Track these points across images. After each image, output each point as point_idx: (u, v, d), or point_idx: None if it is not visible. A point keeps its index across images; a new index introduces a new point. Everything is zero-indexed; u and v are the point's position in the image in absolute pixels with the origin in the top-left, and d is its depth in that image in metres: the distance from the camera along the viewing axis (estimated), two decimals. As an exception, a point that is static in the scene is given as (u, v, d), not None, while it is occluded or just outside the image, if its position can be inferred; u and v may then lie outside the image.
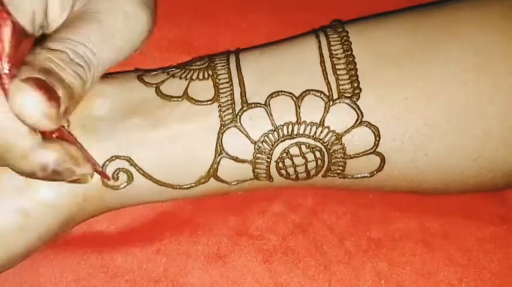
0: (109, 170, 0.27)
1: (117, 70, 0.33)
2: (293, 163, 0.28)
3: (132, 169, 0.27)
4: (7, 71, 0.22)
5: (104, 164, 0.27)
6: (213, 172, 0.28)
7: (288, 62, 0.28)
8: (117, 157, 0.27)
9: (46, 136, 0.24)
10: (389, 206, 0.33)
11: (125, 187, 0.28)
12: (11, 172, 0.25)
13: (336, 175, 0.29)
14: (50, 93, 0.22)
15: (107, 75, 0.29)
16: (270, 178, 0.29)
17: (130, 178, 0.27)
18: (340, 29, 0.29)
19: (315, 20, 0.36)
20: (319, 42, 0.29)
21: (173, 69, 0.30)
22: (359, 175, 0.29)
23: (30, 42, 0.23)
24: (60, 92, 0.23)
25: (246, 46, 0.35)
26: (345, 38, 0.28)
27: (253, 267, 0.31)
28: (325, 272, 0.32)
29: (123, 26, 0.26)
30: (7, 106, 0.22)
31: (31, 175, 0.24)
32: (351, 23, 0.30)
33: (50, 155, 0.24)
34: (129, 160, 0.27)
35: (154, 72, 0.30)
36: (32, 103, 0.22)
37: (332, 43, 0.28)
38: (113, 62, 0.27)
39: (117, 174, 0.27)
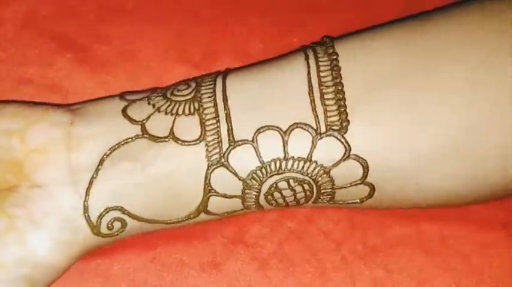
0: (103, 222, 0.27)
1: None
2: (282, 195, 0.28)
3: (125, 216, 0.27)
4: None
5: (98, 217, 0.27)
6: (202, 208, 0.28)
7: (276, 91, 0.28)
8: (110, 209, 0.27)
9: None
10: (386, 212, 0.32)
11: (119, 233, 0.28)
12: (4, 242, 0.26)
13: (326, 201, 0.29)
14: None
15: (92, 109, 0.29)
16: (260, 207, 0.29)
17: (123, 224, 0.28)
18: (331, 51, 0.28)
19: (313, 24, 0.36)
20: (309, 67, 0.28)
21: (159, 97, 0.29)
22: (349, 201, 0.29)
23: None
24: None
25: (242, 52, 0.35)
26: (334, 62, 0.27)
27: (248, 274, 0.31)
28: (321, 278, 0.31)
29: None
30: None
31: None
32: (341, 41, 0.29)
33: None
34: (121, 209, 0.27)
35: (139, 101, 0.29)
36: None
37: (321, 68, 0.27)
38: None
39: (112, 223, 0.27)
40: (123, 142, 0.27)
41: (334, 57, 0.28)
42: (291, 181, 0.27)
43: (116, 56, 0.34)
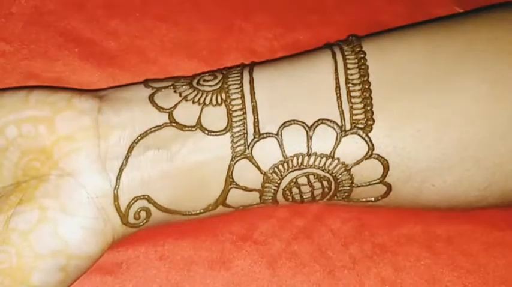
0: (131, 211, 0.27)
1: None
2: (300, 190, 0.28)
3: (151, 206, 0.27)
4: None
5: (127, 206, 0.27)
6: (221, 201, 0.28)
7: (303, 87, 0.27)
8: (138, 198, 0.27)
9: None
10: (394, 211, 0.32)
11: (143, 224, 0.28)
12: (39, 234, 0.25)
13: (341, 199, 0.29)
14: None
15: (119, 96, 0.28)
16: (275, 202, 0.28)
17: (148, 214, 0.28)
18: (358, 49, 0.28)
19: (319, 21, 0.36)
20: (336, 63, 0.28)
21: (185, 85, 0.28)
22: (364, 199, 0.29)
23: None
24: None
25: (249, 48, 0.35)
26: (362, 61, 0.27)
27: (257, 272, 0.31)
28: (329, 277, 0.31)
29: None
30: None
31: None
32: (368, 40, 0.29)
33: None
34: (148, 198, 0.27)
35: (165, 89, 0.28)
36: None
37: (349, 66, 0.27)
38: None
39: (139, 213, 0.27)
40: (151, 130, 0.27)
41: (362, 55, 0.28)
42: (311, 177, 0.27)
43: (124, 51, 0.34)
